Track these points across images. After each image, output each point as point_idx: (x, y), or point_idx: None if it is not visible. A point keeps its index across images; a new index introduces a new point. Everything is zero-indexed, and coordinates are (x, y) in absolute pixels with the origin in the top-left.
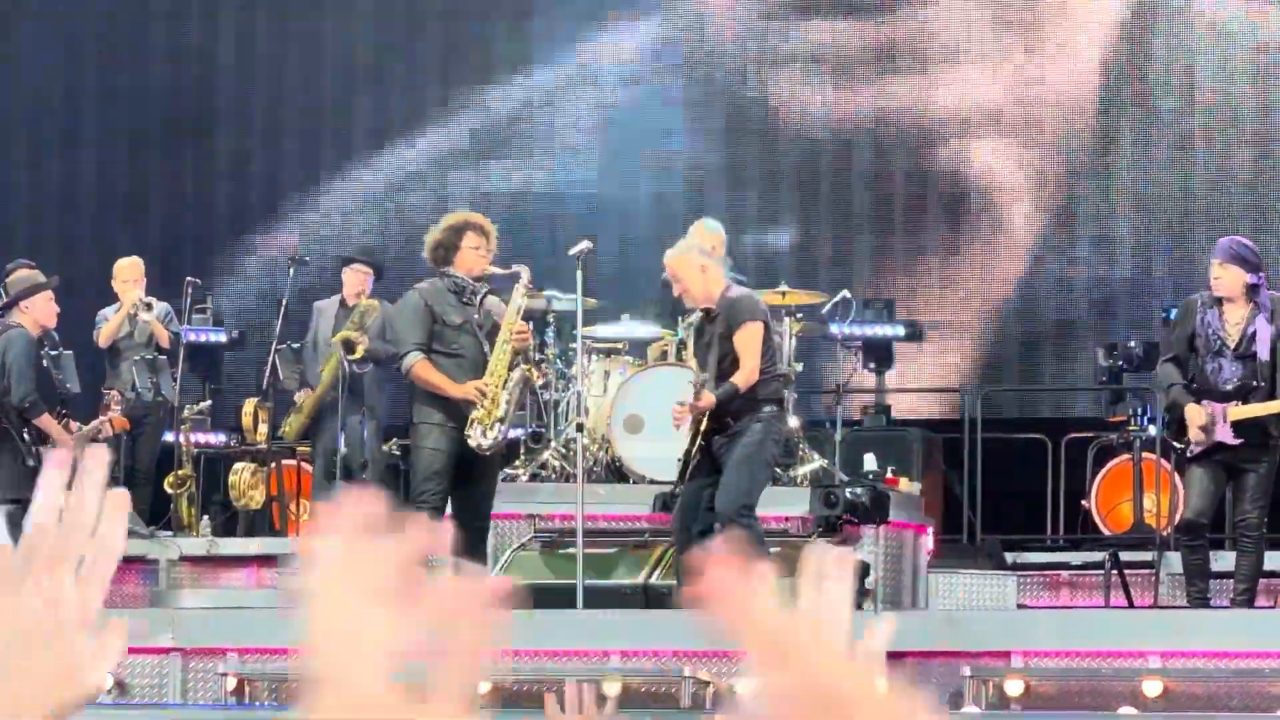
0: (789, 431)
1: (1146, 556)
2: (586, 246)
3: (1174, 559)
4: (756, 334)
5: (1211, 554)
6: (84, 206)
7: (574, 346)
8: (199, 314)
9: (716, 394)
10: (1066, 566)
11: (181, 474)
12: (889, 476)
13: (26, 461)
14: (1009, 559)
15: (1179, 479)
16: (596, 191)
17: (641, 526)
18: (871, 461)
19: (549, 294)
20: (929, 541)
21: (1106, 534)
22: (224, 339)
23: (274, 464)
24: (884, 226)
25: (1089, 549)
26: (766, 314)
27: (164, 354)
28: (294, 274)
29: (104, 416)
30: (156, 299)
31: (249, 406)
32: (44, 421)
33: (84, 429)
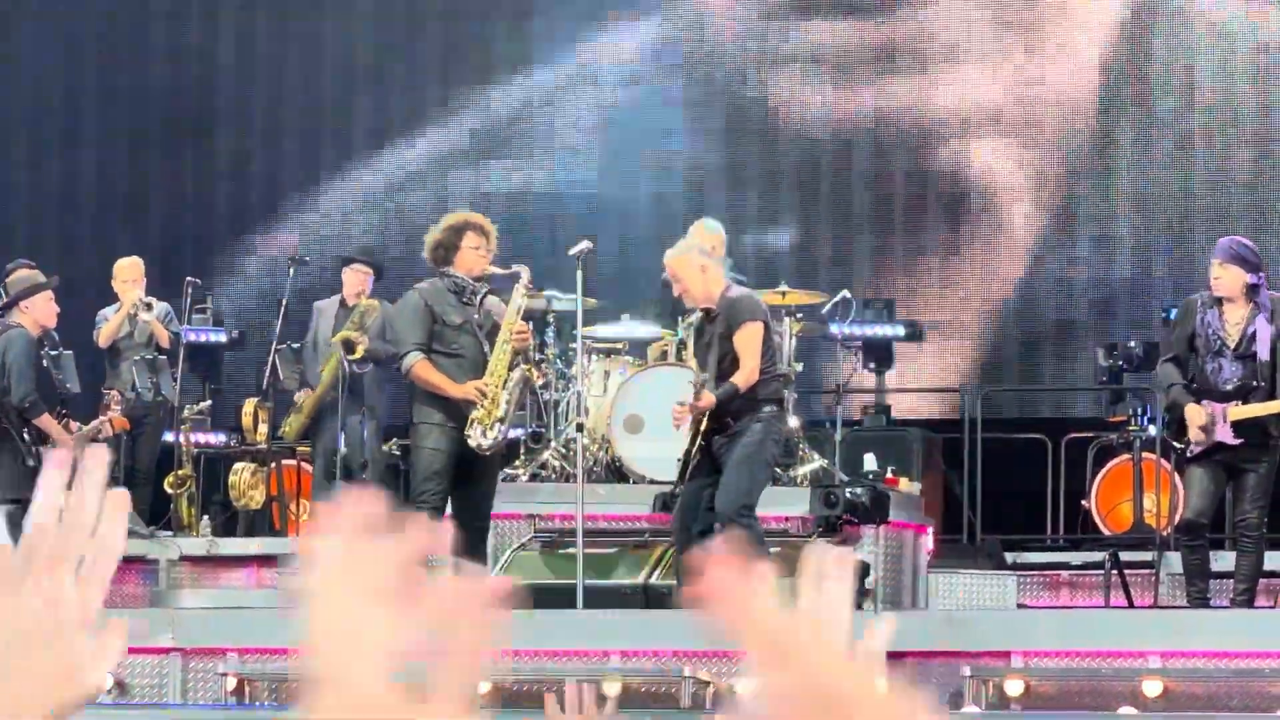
0: (789, 431)
1: (1146, 556)
2: (586, 246)
3: (1174, 559)
4: (756, 334)
5: (1211, 554)
6: (84, 206)
7: (574, 346)
8: (199, 314)
9: (716, 394)
10: (1066, 566)
11: (181, 474)
12: (889, 476)
13: (26, 461)
14: (1009, 559)
15: (1179, 479)
16: (596, 191)
17: (641, 526)
18: (871, 461)
19: (549, 294)
20: (929, 541)
21: (1106, 534)
22: (224, 339)
23: (274, 464)
24: (884, 226)
25: (1089, 549)
26: (767, 314)
27: (164, 354)
28: (294, 274)
29: (104, 416)
30: (156, 299)
31: (249, 406)
32: (44, 421)
33: (84, 429)
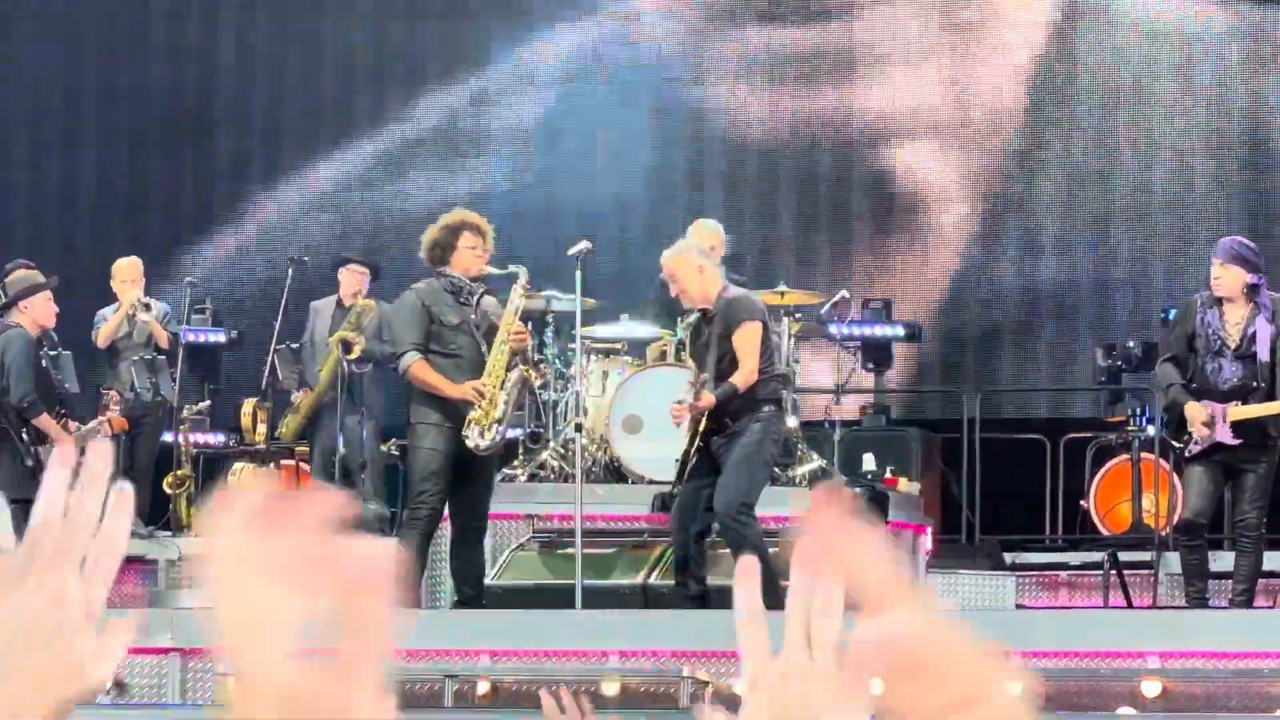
0: (788, 431)
1: (1145, 557)
2: (585, 246)
3: (1173, 559)
4: (755, 334)
5: (1210, 554)
6: (83, 206)
7: (572, 347)
8: (198, 314)
9: (716, 394)
10: (1065, 567)
11: (180, 474)
12: (888, 477)
13: (25, 462)
14: (1008, 559)
15: (1177, 479)
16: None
17: (640, 527)
18: (870, 461)
19: (547, 294)
20: (928, 542)
21: (1105, 534)
22: (223, 339)
23: (273, 464)
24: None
25: (1088, 549)
26: (765, 314)
27: (163, 354)
28: (292, 274)
29: (103, 416)
30: (155, 299)
31: (248, 407)
32: (43, 421)
33: (83, 429)
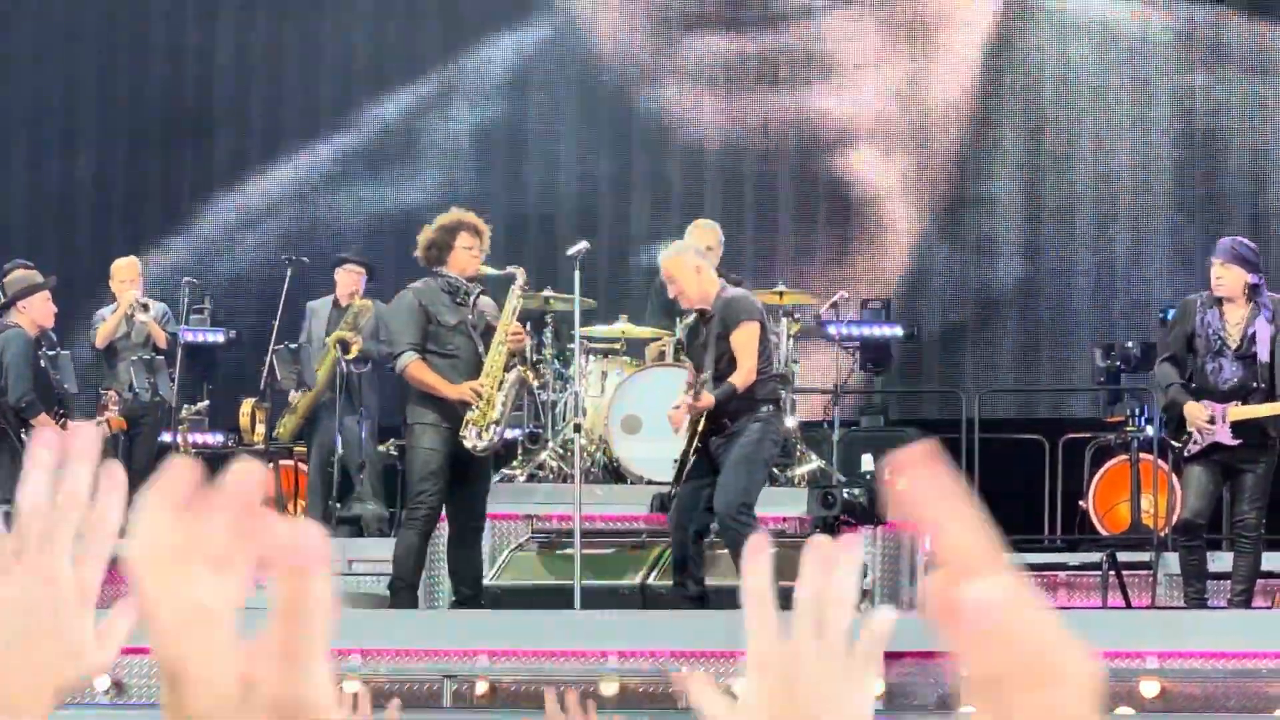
0: (786, 431)
1: (1144, 557)
2: (584, 247)
3: (1171, 559)
4: (753, 334)
5: (1209, 554)
6: (82, 207)
7: (571, 347)
8: (196, 314)
9: (714, 394)
10: (1064, 567)
11: None
12: (886, 477)
13: (24, 461)
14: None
15: (1176, 479)
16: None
17: (639, 527)
18: (869, 462)
19: (545, 294)
20: (927, 542)
21: (1104, 534)
22: (221, 339)
23: (272, 464)
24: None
25: (1086, 549)
26: (763, 314)
27: (161, 354)
28: (291, 274)
29: (101, 416)
30: (154, 299)
31: (246, 407)
32: (41, 421)
33: None
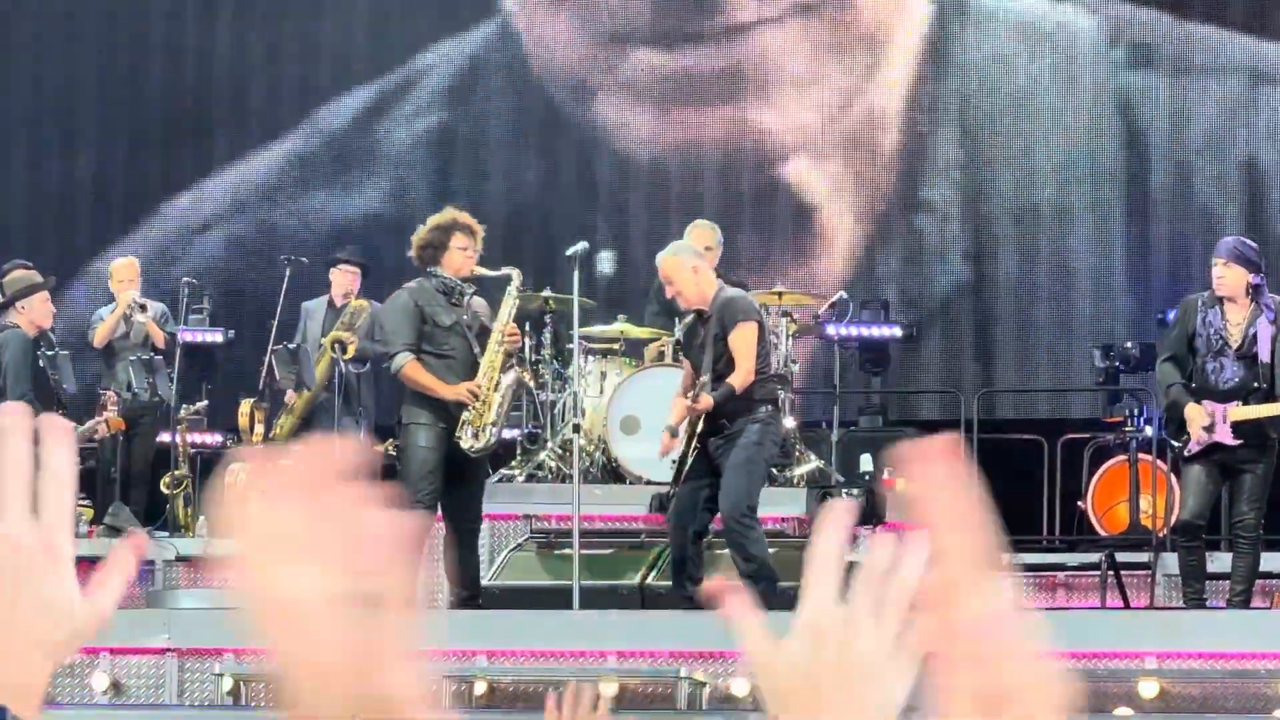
0: (785, 432)
1: (1143, 558)
2: (583, 247)
3: (1170, 560)
4: (751, 334)
5: (1208, 555)
6: (82, 206)
7: (570, 347)
8: (195, 314)
9: (713, 395)
10: (1063, 568)
11: (178, 474)
12: (886, 477)
13: None
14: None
15: (1175, 480)
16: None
17: (637, 527)
18: (868, 462)
19: (544, 295)
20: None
21: (1103, 535)
22: (220, 339)
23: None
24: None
25: (1085, 550)
26: (761, 314)
27: (160, 354)
28: (290, 274)
29: (100, 417)
30: (152, 300)
31: (245, 407)
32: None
33: (80, 429)
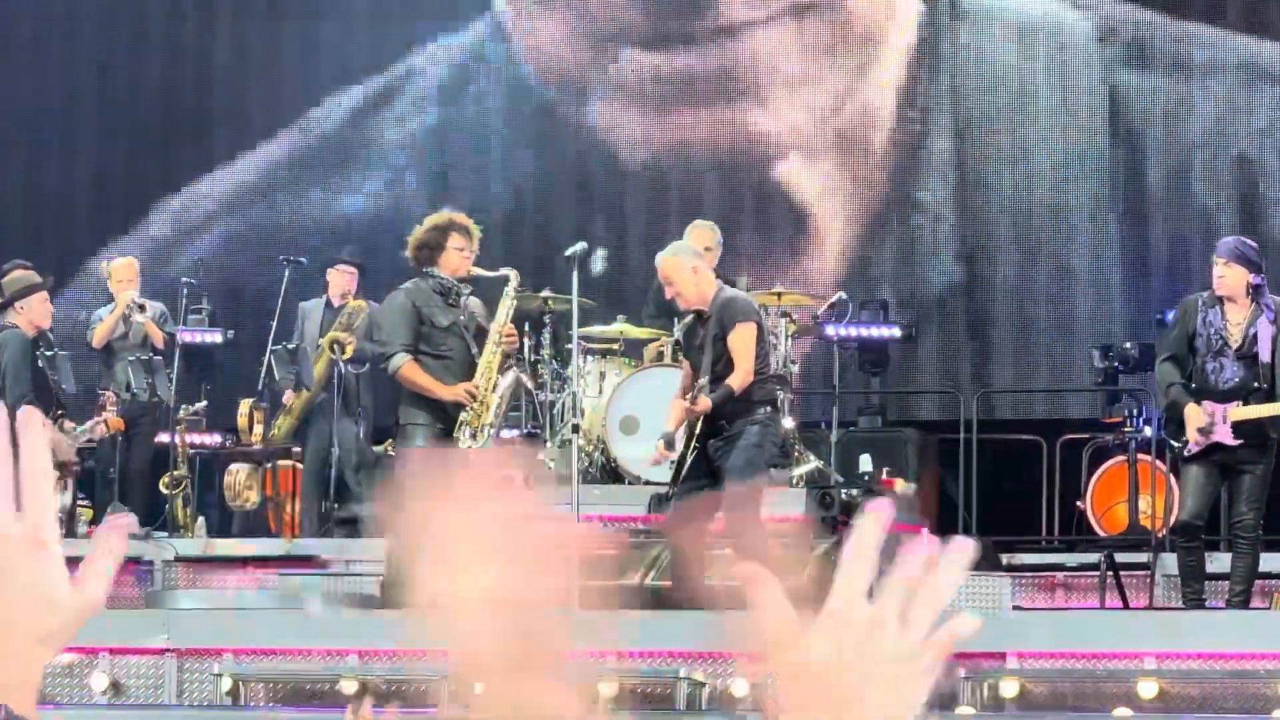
0: (785, 432)
1: (1142, 558)
2: (582, 247)
3: (1169, 560)
4: (750, 335)
5: (1207, 555)
6: (82, 207)
7: (569, 347)
8: (194, 314)
9: (712, 397)
10: (1062, 568)
11: (177, 475)
12: (885, 478)
13: None
14: (1004, 560)
15: (1175, 480)
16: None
17: (637, 528)
18: (867, 462)
19: (543, 295)
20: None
21: (1102, 535)
22: (219, 339)
23: (269, 465)
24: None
25: (1084, 550)
26: (760, 315)
27: (159, 354)
28: (288, 274)
29: (99, 417)
30: (151, 300)
31: (244, 407)
32: None
33: (79, 429)
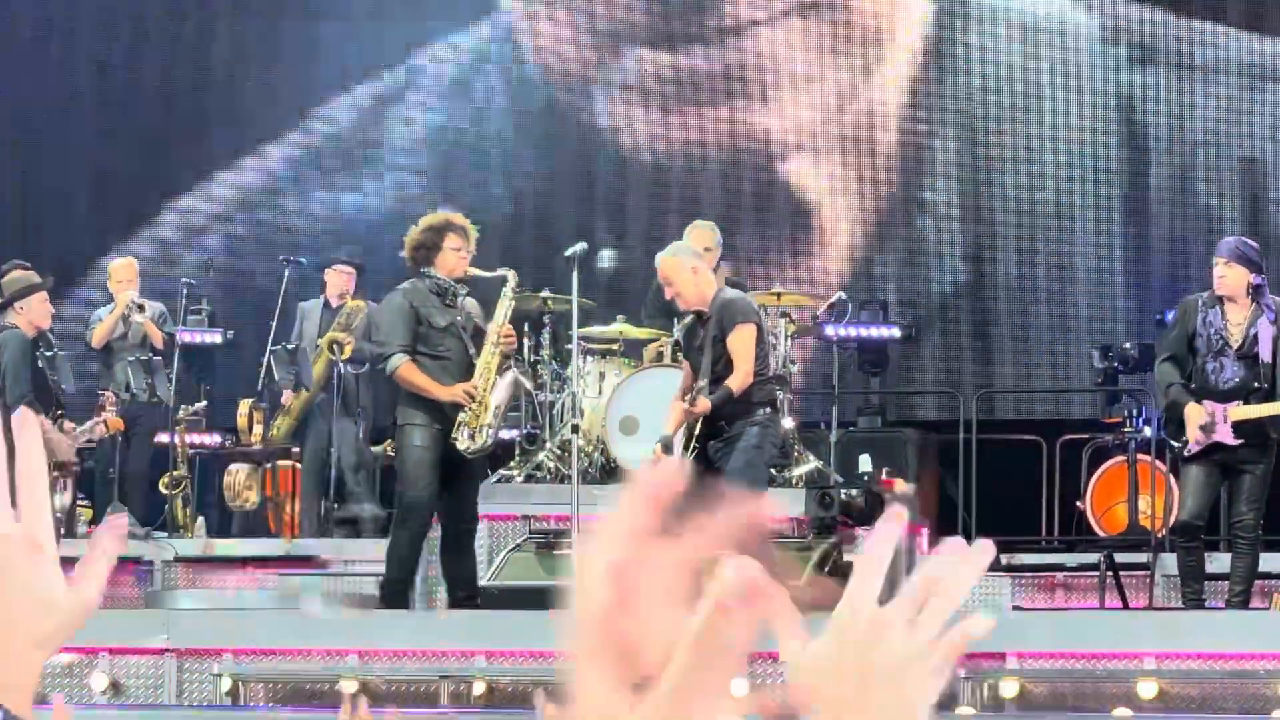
0: (784, 433)
1: (1142, 558)
2: (582, 248)
3: (1169, 560)
4: (750, 336)
5: (1207, 555)
6: (81, 207)
7: (569, 348)
8: (194, 314)
9: (711, 398)
10: (1061, 568)
11: (176, 475)
12: (885, 478)
13: None
14: (1003, 560)
15: (1174, 480)
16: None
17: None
18: (867, 463)
19: (543, 295)
20: (924, 543)
21: (1101, 535)
22: (219, 339)
23: (269, 465)
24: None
25: (1084, 550)
26: (760, 316)
27: (158, 354)
28: (288, 274)
29: (99, 417)
30: (150, 300)
31: (244, 407)
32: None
33: (79, 430)
